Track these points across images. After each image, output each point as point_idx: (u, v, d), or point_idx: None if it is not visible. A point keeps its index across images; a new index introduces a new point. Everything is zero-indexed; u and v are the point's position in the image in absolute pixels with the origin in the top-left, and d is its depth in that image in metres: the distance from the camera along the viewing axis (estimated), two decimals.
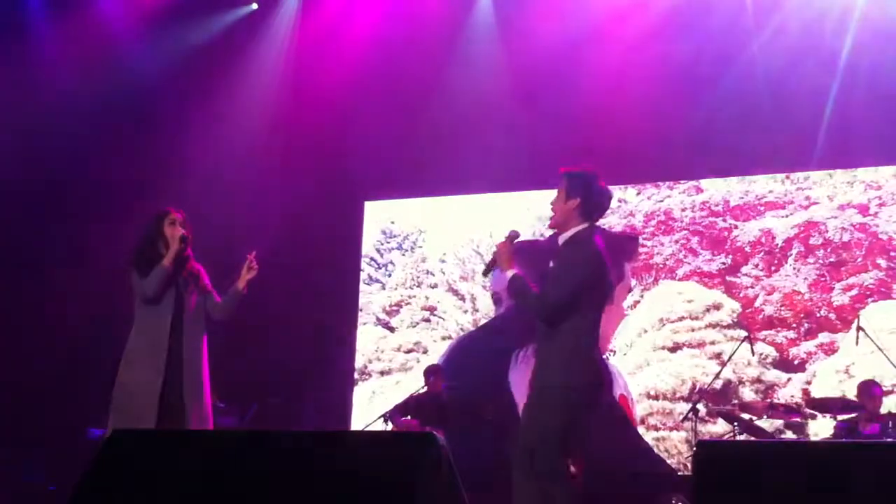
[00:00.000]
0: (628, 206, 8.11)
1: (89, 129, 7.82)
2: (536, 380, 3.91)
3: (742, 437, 5.95)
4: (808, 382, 7.17)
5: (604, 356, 7.39)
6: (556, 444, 3.74)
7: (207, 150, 7.99)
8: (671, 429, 7.42)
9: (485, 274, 4.32)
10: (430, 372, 7.34)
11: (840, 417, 6.09)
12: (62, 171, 7.91)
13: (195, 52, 8.23)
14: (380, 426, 6.98)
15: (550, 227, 4.17)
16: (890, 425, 5.73)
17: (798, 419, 6.67)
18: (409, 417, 7.01)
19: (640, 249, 7.92)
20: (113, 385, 4.43)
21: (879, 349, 6.28)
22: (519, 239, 4.11)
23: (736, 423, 5.99)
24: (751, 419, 6.05)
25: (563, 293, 3.83)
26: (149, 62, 8.11)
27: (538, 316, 3.93)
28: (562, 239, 4.02)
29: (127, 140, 8.08)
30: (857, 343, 6.36)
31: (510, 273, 3.97)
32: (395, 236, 8.98)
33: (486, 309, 8.40)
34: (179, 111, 8.19)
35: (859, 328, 6.29)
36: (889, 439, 5.64)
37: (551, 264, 4.01)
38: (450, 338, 8.45)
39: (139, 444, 3.23)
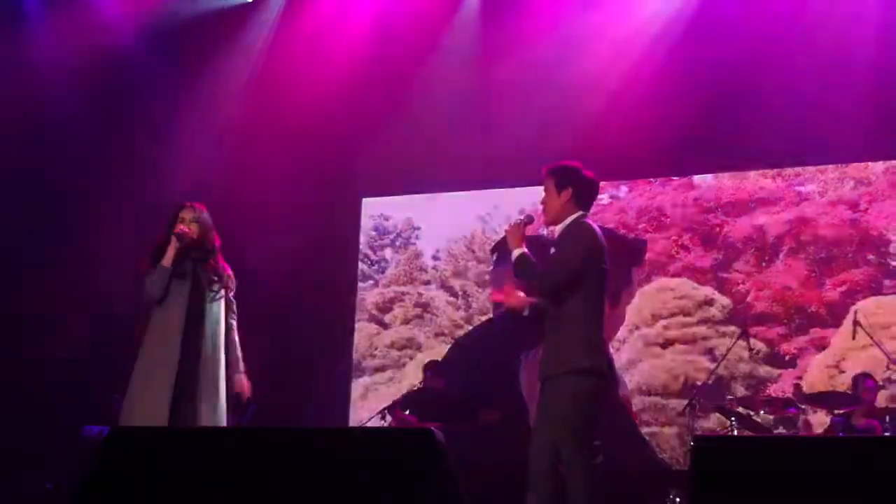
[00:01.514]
0: (620, 202, 8.13)
1: (81, 128, 7.78)
2: (548, 369, 3.92)
3: (737, 433, 5.96)
4: (800, 377, 7.21)
5: None
6: (588, 432, 3.77)
7: (202, 147, 7.95)
8: (663, 424, 7.45)
9: (492, 252, 4.35)
10: (429, 368, 7.35)
11: (836, 412, 6.12)
12: (60, 168, 7.86)
13: (188, 44, 8.18)
14: (378, 422, 6.98)
15: (546, 223, 4.19)
16: (887, 420, 5.77)
17: (794, 413, 6.69)
18: (407, 413, 7.01)
19: None
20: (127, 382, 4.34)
21: (876, 344, 6.30)
22: (530, 224, 4.14)
23: (733, 419, 6.00)
24: (748, 414, 6.06)
25: (566, 268, 3.90)
26: (141, 58, 8.07)
27: (541, 290, 3.98)
28: (559, 229, 4.08)
29: (121, 137, 8.04)
30: (853, 337, 6.38)
31: (517, 252, 4.00)
32: (388, 233, 8.97)
33: (480, 305, 8.40)
34: (172, 107, 8.15)
35: (856, 322, 6.30)
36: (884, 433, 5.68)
37: (552, 251, 4.06)
38: (443, 334, 8.45)
39: (139, 443, 3.24)
